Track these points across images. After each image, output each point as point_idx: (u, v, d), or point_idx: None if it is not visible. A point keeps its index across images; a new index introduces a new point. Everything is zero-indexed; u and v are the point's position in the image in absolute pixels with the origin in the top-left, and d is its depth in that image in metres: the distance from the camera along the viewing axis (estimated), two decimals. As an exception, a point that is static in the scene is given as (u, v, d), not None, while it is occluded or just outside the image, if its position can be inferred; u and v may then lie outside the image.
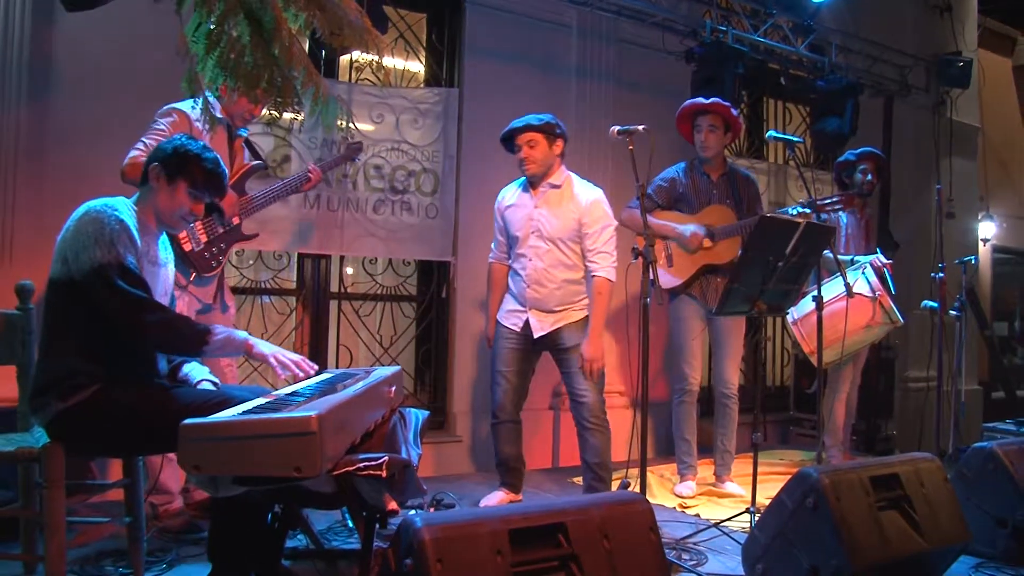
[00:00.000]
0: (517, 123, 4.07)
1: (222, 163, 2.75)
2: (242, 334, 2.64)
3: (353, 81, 5.13)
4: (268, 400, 2.29)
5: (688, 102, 4.67)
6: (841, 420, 5.34)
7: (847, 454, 5.44)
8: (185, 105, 3.56)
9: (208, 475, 1.96)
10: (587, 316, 4.09)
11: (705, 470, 4.80)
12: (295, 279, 5.09)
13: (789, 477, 5.10)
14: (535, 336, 4.11)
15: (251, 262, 4.92)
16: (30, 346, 3.00)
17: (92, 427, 2.54)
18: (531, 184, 4.13)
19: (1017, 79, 9.83)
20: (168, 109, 3.54)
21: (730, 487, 4.65)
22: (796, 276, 3.62)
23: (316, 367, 2.61)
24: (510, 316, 4.18)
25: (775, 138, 4.22)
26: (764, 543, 2.95)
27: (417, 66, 5.51)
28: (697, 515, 4.19)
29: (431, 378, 5.40)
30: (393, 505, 2.32)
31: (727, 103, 4.55)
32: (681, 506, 4.37)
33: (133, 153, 3.38)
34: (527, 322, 4.12)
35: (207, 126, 3.04)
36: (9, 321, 2.96)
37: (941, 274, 5.08)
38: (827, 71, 6.15)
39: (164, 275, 2.81)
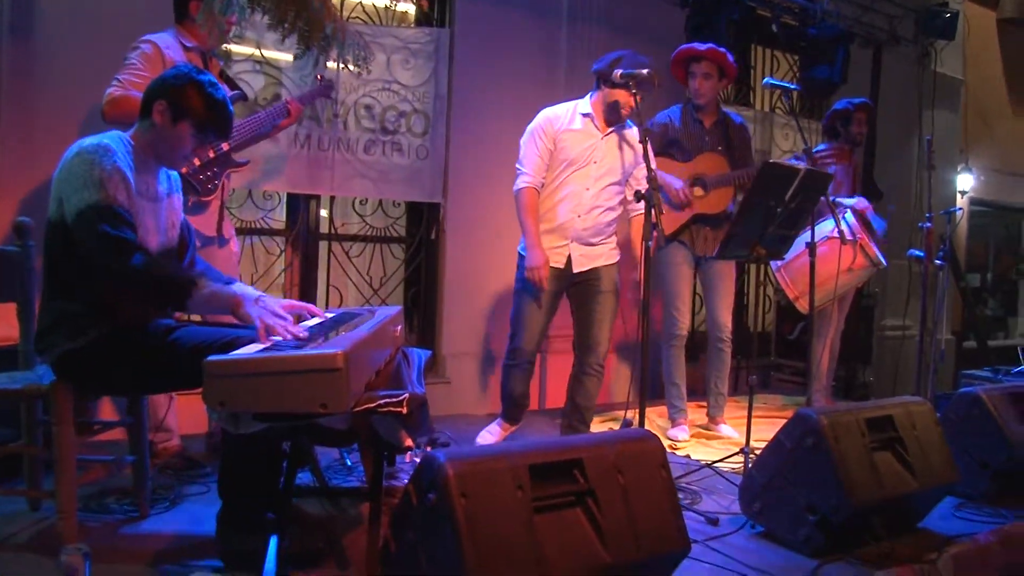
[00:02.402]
0: (631, 71, 3.79)
1: (230, 104, 2.70)
2: (230, 289, 2.48)
3: (345, 18, 5.04)
4: (283, 339, 2.29)
5: (683, 47, 4.65)
6: (825, 365, 5.43)
7: (829, 399, 5.55)
8: (156, 36, 3.48)
9: (230, 412, 1.97)
10: (617, 263, 4.12)
11: (693, 413, 4.88)
12: (284, 219, 5.06)
13: (776, 421, 5.32)
14: (575, 271, 4.05)
15: (241, 203, 4.88)
16: (30, 284, 2.98)
17: (100, 367, 2.54)
18: (605, 122, 4.02)
19: (1001, 32, 9.82)
20: (139, 41, 3.45)
21: (724, 429, 4.74)
22: (794, 222, 3.66)
23: (305, 332, 2.52)
24: (551, 254, 4.02)
25: (772, 85, 4.23)
26: (762, 483, 3.02)
27: (405, 6, 5.42)
28: (688, 456, 4.27)
29: (420, 320, 5.41)
30: (409, 442, 2.35)
31: (723, 49, 4.53)
32: (671, 447, 4.45)
33: (110, 90, 3.28)
34: (568, 258, 4.03)
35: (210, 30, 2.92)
36: (7, 258, 2.93)
37: (929, 224, 5.13)
38: (819, 19, 6.12)
39: (167, 207, 2.75)
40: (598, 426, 4.90)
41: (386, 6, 5.21)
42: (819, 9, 6.17)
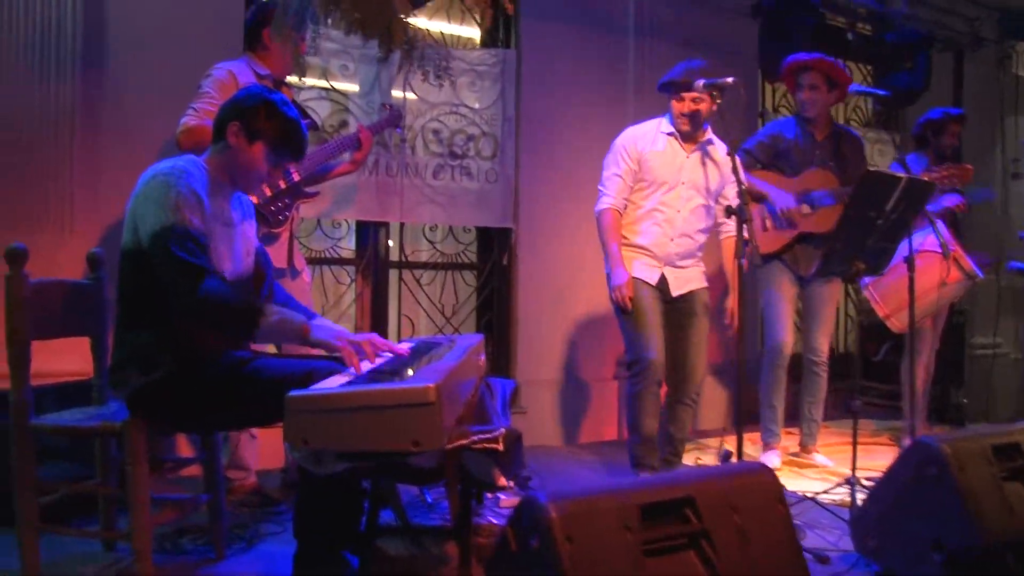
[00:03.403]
0: (693, 73, 3.73)
1: (304, 124, 2.61)
2: (299, 317, 2.42)
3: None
4: (365, 371, 2.16)
5: (791, 58, 4.41)
6: (921, 388, 5.14)
7: (925, 424, 5.25)
8: (231, 64, 3.43)
9: (313, 450, 1.84)
10: (707, 287, 3.96)
11: (783, 439, 4.64)
12: (354, 248, 4.97)
13: (871, 448, 5.06)
14: (672, 295, 3.88)
15: (309, 232, 4.80)
16: (103, 317, 2.91)
17: (173, 402, 2.44)
18: (683, 137, 3.87)
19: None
20: (213, 69, 3.41)
21: (818, 458, 4.50)
22: (894, 234, 3.44)
23: (386, 347, 2.40)
24: (643, 269, 3.84)
25: (859, 92, 4.02)
26: (876, 516, 2.78)
27: (469, 31, 5.32)
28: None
29: (494, 348, 5.26)
30: (503, 481, 2.19)
31: (831, 59, 4.29)
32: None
33: (185, 120, 3.25)
34: (663, 277, 3.87)
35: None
36: (80, 291, 2.85)
37: (1028, 233, 4.85)
38: (897, 24, 5.88)
39: (242, 234, 2.67)
40: (685, 457, 4.68)
41: (443, 33, 5.12)
42: (898, 14, 5.92)
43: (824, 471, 4.36)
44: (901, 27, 5.87)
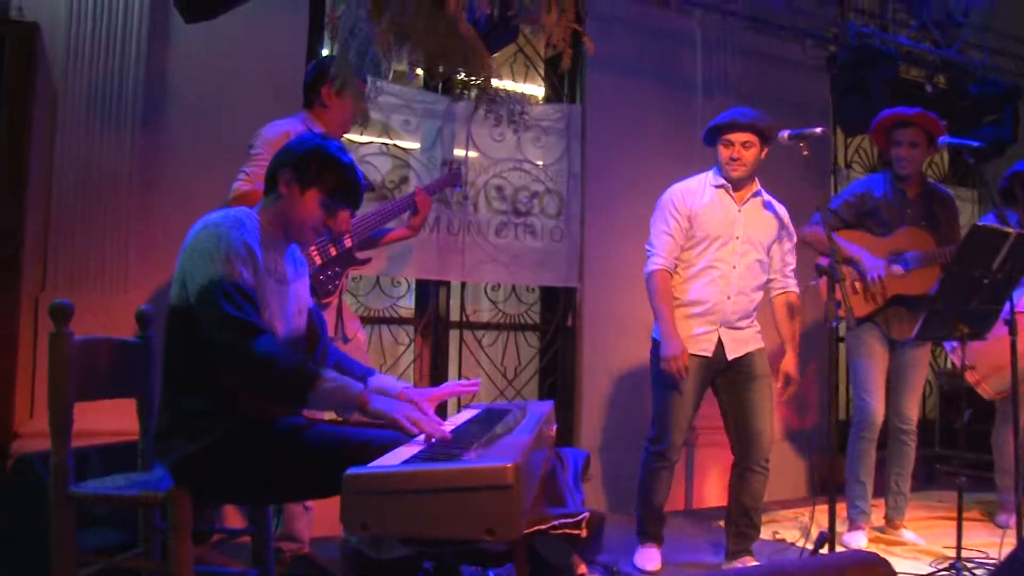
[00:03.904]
0: (743, 115, 3.59)
1: (360, 171, 2.45)
2: (356, 386, 2.23)
3: (473, 98, 4.84)
4: (431, 444, 1.96)
5: (887, 112, 4.16)
6: (1012, 457, 4.77)
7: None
8: (285, 122, 3.30)
9: (374, 535, 1.63)
10: (763, 347, 3.73)
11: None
12: (413, 307, 4.81)
13: (965, 524, 4.68)
14: (729, 359, 3.66)
15: (368, 290, 4.66)
16: (151, 377, 2.75)
17: (221, 473, 2.26)
18: (734, 187, 3.68)
19: None
20: (266, 128, 3.28)
21: (907, 535, 4.17)
22: (999, 294, 3.17)
23: (449, 433, 2.21)
24: (697, 341, 3.63)
25: (951, 144, 3.77)
26: (995, 609, 2.49)
27: (534, 88, 5.20)
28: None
29: (558, 412, 5.02)
30: (583, 568, 1.96)
31: (933, 114, 4.03)
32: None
33: (236, 184, 3.14)
34: (719, 344, 3.65)
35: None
36: (128, 349, 2.70)
37: None
38: (980, 75, 5.63)
39: (295, 292, 2.50)
40: (761, 529, 4.38)
41: (506, 89, 5.00)
42: (978, 65, 5.67)
43: (915, 549, 4.04)
44: (982, 78, 5.61)
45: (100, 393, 2.56)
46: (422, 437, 2.08)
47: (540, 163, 4.91)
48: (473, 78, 2.39)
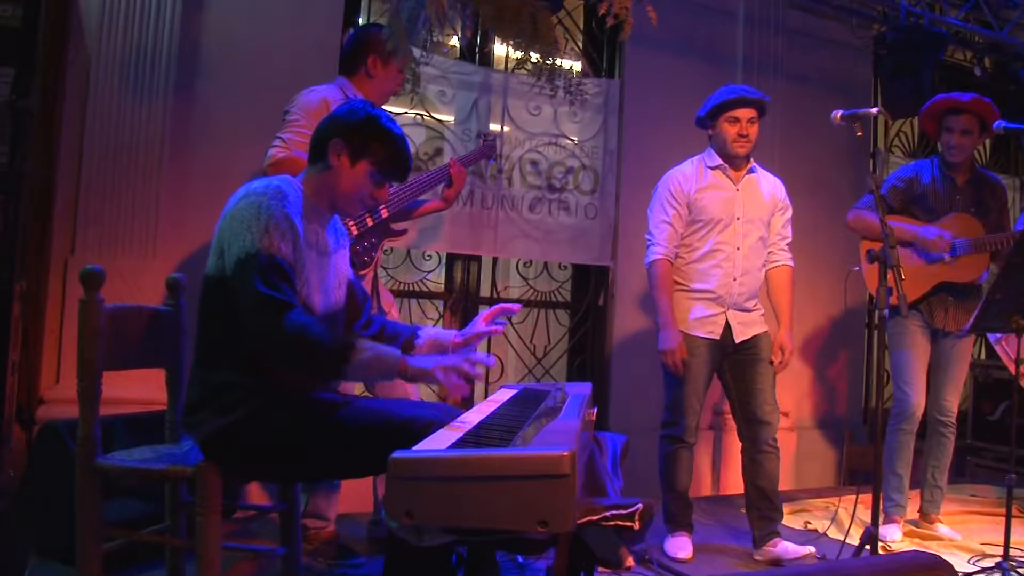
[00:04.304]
0: (750, 91, 3.56)
1: (408, 142, 2.37)
2: (395, 352, 2.14)
3: (509, 70, 4.73)
4: (473, 426, 1.88)
5: (941, 97, 4.02)
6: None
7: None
8: (323, 89, 3.19)
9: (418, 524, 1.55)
10: (767, 331, 3.70)
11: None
12: (443, 281, 4.74)
13: (993, 517, 4.58)
14: (737, 342, 3.63)
15: (398, 263, 4.58)
16: (181, 347, 2.69)
17: (253, 449, 2.18)
18: (732, 166, 3.64)
19: None
20: (303, 94, 3.16)
21: (942, 530, 4.06)
22: (1057, 287, 3.05)
23: (484, 367, 2.14)
24: (703, 324, 3.61)
25: (1009, 129, 3.63)
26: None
27: (569, 62, 5.07)
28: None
29: (586, 393, 4.95)
30: (631, 561, 1.88)
31: (988, 100, 3.90)
32: (884, 548, 3.81)
33: (272, 152, 3.01)
34: (727, 327, 3.62)
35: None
36: (159, 318, 2.62)
37: None
38: (1030, 58, 5.47)
39: (336, 264, 2.41)
40: (791, 518, 4.31)
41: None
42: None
43: (952, 545, 3.93)
44: (1034, 61, 5.44)
45: (130, 363, 2.49)
46: (465, 418, 2.01)
47: (576, 139, 4.80)
48: (537, 46, 2.26)
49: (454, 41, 4.62)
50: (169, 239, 3.75)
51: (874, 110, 3.04)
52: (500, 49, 4.73)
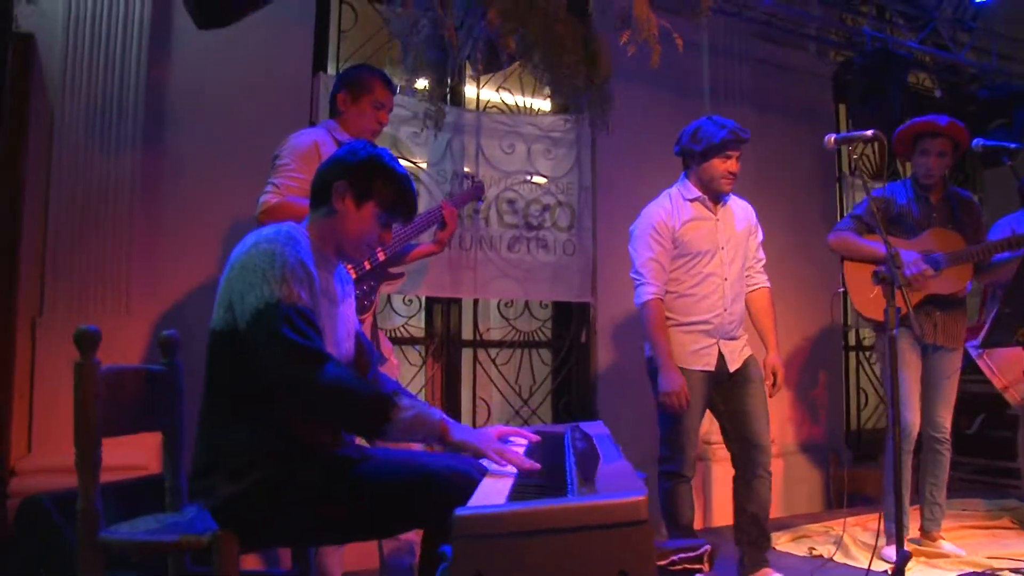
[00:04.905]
0: (742, 130, 3.53)
1: (412, 180, 2.29)
2: (435, 412, 2.06)
3: (481, 109, 4.70)
4: (516, 475, 1.79)
5: (919, 121, 4.08)
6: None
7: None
8: (312, 132, 3.15)
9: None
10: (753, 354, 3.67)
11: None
12: (423, 326, 4.64)
13: (996, 532, 4.59)
14: (731, 371, 3.57)
15: (379, 309, 4.47)
16: (179, 409, 2.55)
17: (270, 514, 2.05)
18: (710, 198, 3.61)
19: None
20: (294, 136, 3.11)
21: (946, 546, 4.06)
22: (1059, 300, 3.07)
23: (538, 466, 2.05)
24: (698, 356, 3.55)
25: (984, 146, 3.68)
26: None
27: (540, 103, 5.07)
28: (916, 582, 3.57)
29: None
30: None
31: (961, 124, 4.00)
32: (890, 570, 3.76)
33: (265, 198, 2.93)
34: (720, 357, 3.56)
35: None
36: (154, 379, 2.49)
37: None
38: (988, 79, 5.58)
39: (344, 314, 2.31)
40: (793, 545, 4.26)
41: (505, 103, 4.86)
42: (989, 69, 5.62)
43: (959, 561, 3.93)
44: (991, 83, 5.56)
45: (128, 427, 2.35)
46: (504, 467, 1.92)
47: (551, 175, 4.77)
48: (592, 79, 2.20)
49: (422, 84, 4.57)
50: (143, 292, 3.61)
51: (869, 132, 3.05)
52: (471, 91, 4.69)
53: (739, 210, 3.71)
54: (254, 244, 2.07)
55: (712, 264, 3.57)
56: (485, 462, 2.03)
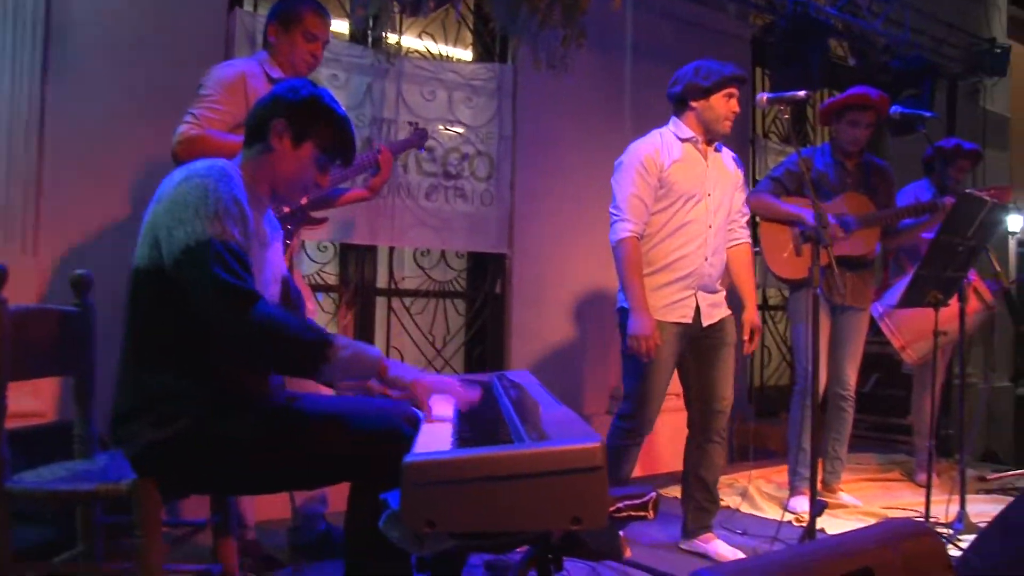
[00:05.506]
0: (739, 71, 3.41)
1: (352, 123, 2.21)
2: (374, 350, 2.01)
3: (404, 54, 4.58)
4: (455, 422, 1.76)
5: (855, 92, 4.10)
6: (929, 422, 4.92)
7: (940, 460, 5.02)
8: (243, 63, 3.01)
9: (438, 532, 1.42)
10: (731, 314, 3.52)
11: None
12: (337, 274, 4.55)
13: (888, 484, 4.81)
14: (704, 325, 3.39)
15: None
16: (91, 352, 2.44)
17: (195, 462, 1.98)
18: (706, 143, 3.42)
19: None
20: (222, 67, 2.98)
21: (844, 497, 4.25)
22: (966, 263, 3.19)
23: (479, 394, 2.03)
24: (675, 308, 3.33)
25: (902, 114, 3.79)
26: (985, 571, 2.47)
27: (462, 52, 4.98)
28: (822, 530, 3.68)
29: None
30: (629, 552, 1.80)
31: (887, 96, 4.10)
32: (797, 519, 3.91)
33: (183, 128, 2.77)
34: (697, 310, 3.37)
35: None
36: (67, 321, 2.37)
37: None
38: (901, 51, 5.73)
39: (272, 258, 2.23)
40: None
41: (428, 50, 4.76)
42: (901, 40, 5.76)
43: (857, 511, 4.12)
44: (904, 54, 5.71)
45: (38, 371, 2.27)
46: (437, 413, 1.89)
47: (471, 124, 4.70)
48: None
49: (344, 28, 4.43)
50: (51, 233, 3.41)
51: (802, 93, 3.08)
52: (392, 37, 4.57)
53: (729, 160, 3.52)
54: (185, 179, 1.97)
55: (697, 210, 3.36)
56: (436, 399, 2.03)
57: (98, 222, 3.51)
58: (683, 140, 3.41)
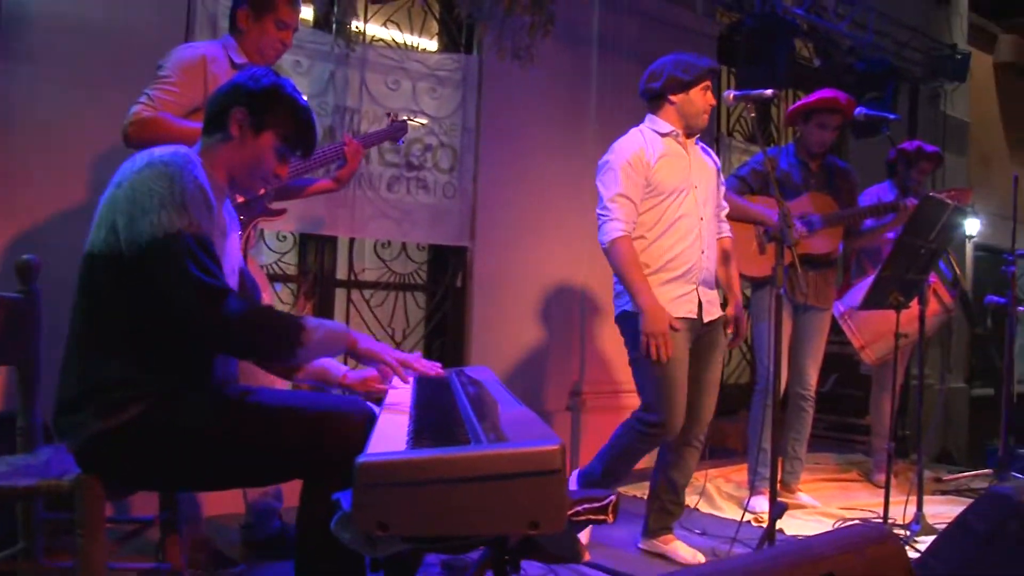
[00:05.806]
0: (715, 64, 3.35)
1: (314, 114, 2.15)
2: (340, 326, 2.05)
3: (368, 42, 4.51)
4: (421, 425, 1.71)
5: (825, 96, 4.09)
6: (888, 421, 4.95)
7: (895, 459, 5.05)
8: (205, 45, 2.94)
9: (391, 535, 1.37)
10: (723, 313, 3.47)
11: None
12: (295, 264, 4.47)
13: (845, 484, 4.83)
14: (705, 321, 3.32)
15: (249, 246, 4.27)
16: (36, 341, 2.36)
17: (142, 455, 1.91)
18: (687, 136, 3.37)
19: (998, 76, 9.68)
20: (182, 48, 2.90)
21: (803, 498, 4.27)
22: (927, 265, 3.19)
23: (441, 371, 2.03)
24: (681, 303, 3.24)
25: (867, 115, 3.80)
26: (944, 575, 2.47)
27: (427, 42, 4.91)
28: (781, 530, 3.68)
29: (446, 378, 4.81)
30: (587, 555, 1.77)
31: (854, 98, 4.15)
32: (756, 520, 3.91)
33: (136, 108, 2.69)
34: (700, 305, 3.29)
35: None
36: (8, 307, 2.29)
37: (1012, 267, 4.73)
38: (866, 53, 5.76)
39: (231, 249, 2.18)
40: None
41: (395, 40, 4.70)
42: (867, 43, 5.79)
43: (815, 512, 4.15)
44: (868, 57, 5.73)
45: (-23, 359, 2.16)
46: (392, 406, 1.86)
47: (435, 115, 4.63)
48: None
49: (308, 14, 4.35)
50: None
51: (769, 92, 3.06)
52: (357, 24, 4.49)
53: (709, 153, 3.50)
54: (148, 164, 1.91)
55: (687, 204, 3.29)
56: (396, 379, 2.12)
57: (48, 208, 3.40)
58: (663, 135, 3.35)
